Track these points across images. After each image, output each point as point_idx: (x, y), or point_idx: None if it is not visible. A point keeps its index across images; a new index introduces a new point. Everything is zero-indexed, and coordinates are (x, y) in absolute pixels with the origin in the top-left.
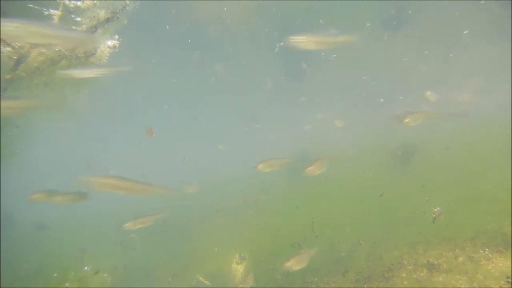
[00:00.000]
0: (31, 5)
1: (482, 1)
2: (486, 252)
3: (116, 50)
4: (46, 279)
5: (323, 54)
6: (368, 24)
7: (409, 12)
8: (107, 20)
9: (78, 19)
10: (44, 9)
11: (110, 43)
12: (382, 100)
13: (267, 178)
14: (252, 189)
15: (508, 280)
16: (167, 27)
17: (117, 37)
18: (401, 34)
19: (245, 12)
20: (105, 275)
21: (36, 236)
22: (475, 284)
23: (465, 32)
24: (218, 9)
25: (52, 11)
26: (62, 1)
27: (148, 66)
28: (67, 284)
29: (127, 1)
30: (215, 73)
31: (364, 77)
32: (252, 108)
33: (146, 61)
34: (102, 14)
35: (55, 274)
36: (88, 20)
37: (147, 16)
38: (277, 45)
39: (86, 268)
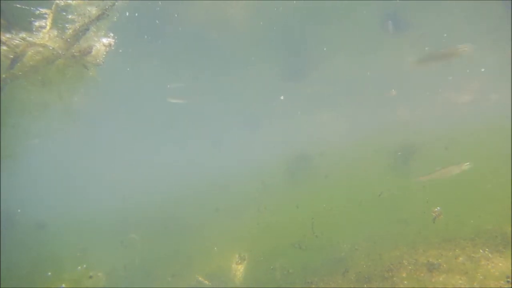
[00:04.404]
0: (18, 5)
1: (482, 2)
2: (486, 252)
3: (112, 48)
4: (44, 279)
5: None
6: (369, 25)
7: (410, 13)
8: (98, 18)
9: (70, 16)
10: (33, 8)
11: (105, 41)
12: (380, 101)
13: (267, 178)
14: (252, 189)
15: (508, 280)
16: (167, 28)
17: (112, 34)
18: (402, 36)
19: (246, 13)
20: (100, 274)
21: (36, 236)
22: (475, 284)
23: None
24: (218, 10)
25: (41, 9)
26: (54, 0)
27: (147, 67)
28: (63, 285)
29: None
30: (215, 74)
31: (364, 77)
32: (252, 109)
33: (144, 62)
34: (93, 11)
35: (49, 273)
36: (80, 18)
37: (147, 16)
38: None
39: (79, 267)
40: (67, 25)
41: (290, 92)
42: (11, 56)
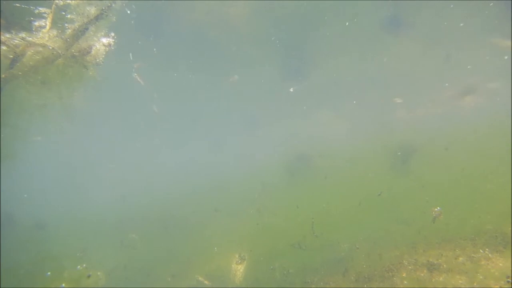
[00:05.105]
0: (17, 4)
1: (482, 2)
2: (486, 252)
3: (112, 48)
4: (44, 278)
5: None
6: (369, 25)
7: (409, 13)
8: (97, 18)
9: (69, 16)
10: (32, 7)
11: (105, 41)
12: (381, 101)
13: (267, 178)
14: (252, 189)
15: (508, 280)
16: (166, 28)
17: (112, 34)
18: (402, 35)
19: (246, 13)
20: (100, 273)
21: (36, 236)
22: (475, 284)
23: (461, 24)
24: (218, 10)
25: (41, 9)
26: (53, 0)
27: (147, 66)
28: (63, 285)
29: None
30: (214, 74)
31: (364, 77)
32: (252, 109)
33: (145, 61)
34: (92, 11)
35: (49, 273)
36: (79, 17)
37: (147, 15)
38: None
39: (79, 267)
40: (66, 25)
41: (290, 92)
42: (11, 56)
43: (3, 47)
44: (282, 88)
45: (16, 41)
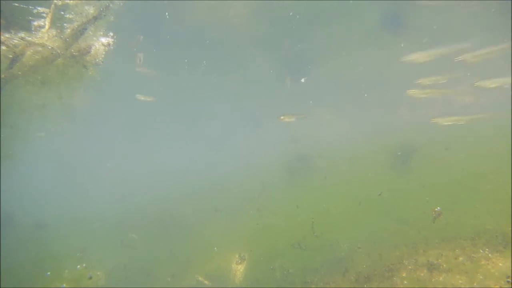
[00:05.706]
0: (17, 4)
1: (482, 1)
2: (486, 252)
3: (111, 48)
4: (44, 279)
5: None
6: (369, 25)
7: (409, 13)
8: (96, 18)
9: (68, 16)
10: (31, 7)
11: (104, 40)
12: (380, 100)
13: (267, 178)
14: (252, 189)
15: (508, 280)
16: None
17: (111, 34)
18: (401, 35)
19: (246, 12)
20: (99, 273)
21: (36, 236)
22: (475, 284)
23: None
24: (219, 10)
25: (40, 9)
26: (52, 0)
27: (147, 66)
28: (64, 285)
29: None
30: (215, 74)
31: (364, 77)
32: (252, 109)
33: (145, 61)
34: (91, 10)
35: (49, 273)
36: (78, 17)
37: (147, 14)
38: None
39: (78, 267)
40: (65, 25)
41: (289, 92)
42: (11, 56)
43: (3, 47)
44: (282, 88)
45: (15, 41)
